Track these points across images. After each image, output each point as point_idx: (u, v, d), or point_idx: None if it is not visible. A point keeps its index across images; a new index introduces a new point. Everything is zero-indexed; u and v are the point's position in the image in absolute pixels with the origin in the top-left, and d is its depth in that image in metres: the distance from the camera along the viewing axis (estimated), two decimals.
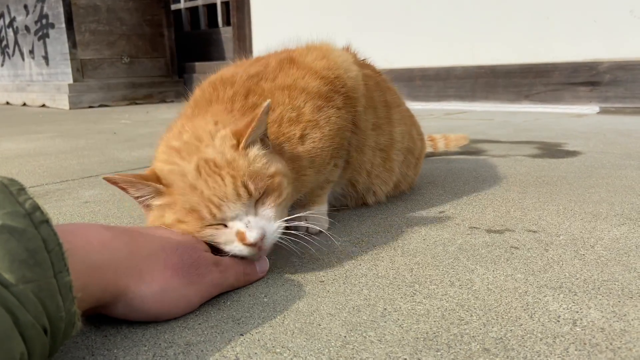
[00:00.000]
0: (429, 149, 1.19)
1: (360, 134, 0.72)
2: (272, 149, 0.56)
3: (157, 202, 0.52)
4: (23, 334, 0.30)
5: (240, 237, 0.49)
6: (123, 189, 0.52)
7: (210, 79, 0.67)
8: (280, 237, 0.52)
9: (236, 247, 0.50)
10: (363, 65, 0.82)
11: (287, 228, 0.54)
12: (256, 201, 0.51)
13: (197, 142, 0.52)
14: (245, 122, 0.53)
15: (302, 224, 0.61)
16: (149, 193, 0.52)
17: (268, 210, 0.51)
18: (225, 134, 0.52)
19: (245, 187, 0.49)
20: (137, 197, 0.52)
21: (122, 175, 0.50)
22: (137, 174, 0.51)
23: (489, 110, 2.36)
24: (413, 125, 0.88)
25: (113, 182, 0.50)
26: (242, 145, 0.51)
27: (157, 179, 0.51)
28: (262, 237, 0.50)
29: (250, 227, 0.49)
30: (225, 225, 0.50)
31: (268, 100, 0.52)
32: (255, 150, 0.52)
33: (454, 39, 2.53)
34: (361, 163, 0.74)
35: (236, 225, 0.50)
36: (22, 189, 0.33)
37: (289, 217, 0.55)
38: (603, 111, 2.11)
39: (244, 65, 0.70)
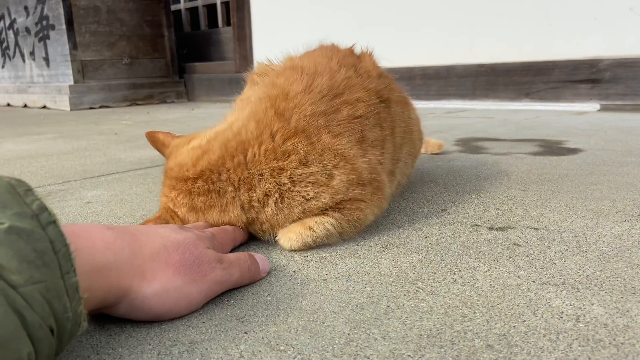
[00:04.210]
0: None
1: None
2: None
3: None
4: (30, 334, 0.30)
5: None
6: None
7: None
8: None
9: None
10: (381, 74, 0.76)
11: None
12: None
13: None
14: None
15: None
16: None
17: None
18: None
19: None
20: None
21: None
22: None
23: (489, 109, 2.36)
24: (412, 129, 0.82)
25: None
26: None
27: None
28: None
29: None
30: None
31: None
32: None
33: (454, 37, 2.53)
34: None
35: None
36: (29, 190, 0.33)
37: None
38: (604, 108, 2.11)
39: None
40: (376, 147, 0.66)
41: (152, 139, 0.73)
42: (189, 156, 0.61)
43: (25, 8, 3.73)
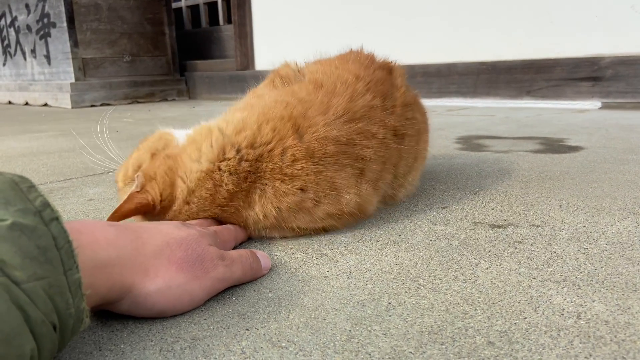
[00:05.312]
0: None
1: None
2: None
3: None
4: (33, 330, 0.30)
5: None
6: None
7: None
8: None
9: None
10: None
11: None
12: None
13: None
14: None
15: None
16: None
17: None
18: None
19: None
20: None
21: None
22: None
23: (490, 106, 2.36)
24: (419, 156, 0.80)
25: None
26: None
27: None
28: None
29: None
30: None
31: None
32: None
33: (455, 35, 2.53)
34: None
35: None
36: (32, 187, 0.34)
37: None
38: (605, 106, 2.11)
39: None
40: (371, 182, 0.67)
41: (129, 214, 0.59)
42: (203, 192, 0.60)
43: (27, 6, 3.73)
